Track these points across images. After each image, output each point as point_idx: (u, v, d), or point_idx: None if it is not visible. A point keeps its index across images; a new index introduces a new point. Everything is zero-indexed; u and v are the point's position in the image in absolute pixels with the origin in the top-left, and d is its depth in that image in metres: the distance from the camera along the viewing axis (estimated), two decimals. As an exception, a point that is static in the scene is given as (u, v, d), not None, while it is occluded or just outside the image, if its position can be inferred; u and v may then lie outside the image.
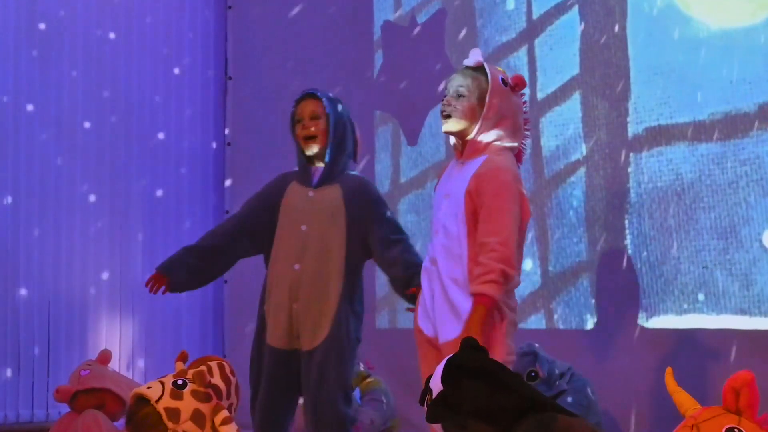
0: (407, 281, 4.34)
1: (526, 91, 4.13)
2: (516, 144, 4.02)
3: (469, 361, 2.67)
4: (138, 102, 7.25)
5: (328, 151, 4.49)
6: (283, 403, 4.49)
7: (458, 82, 4.00)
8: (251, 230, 4.60)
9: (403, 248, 4.45)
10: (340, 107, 4.56)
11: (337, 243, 4.44)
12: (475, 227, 3.87)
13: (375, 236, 4.47)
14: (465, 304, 3.83)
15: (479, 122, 3.94)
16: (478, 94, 3.97)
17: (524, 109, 4.08)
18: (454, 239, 3.92)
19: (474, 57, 4.06)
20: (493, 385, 2.60)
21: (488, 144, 3.96)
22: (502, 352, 3.81)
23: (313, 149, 4.49)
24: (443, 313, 3.91)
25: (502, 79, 4.01)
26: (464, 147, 4.02)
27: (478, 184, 3.89)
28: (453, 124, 3.99)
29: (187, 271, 4.59)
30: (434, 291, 3.96)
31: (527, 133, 4.12)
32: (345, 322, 4.41)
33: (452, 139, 4.10)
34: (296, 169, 4.62)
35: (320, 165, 4.54)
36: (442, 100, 4.03)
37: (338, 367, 4.37)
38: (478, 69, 4.03)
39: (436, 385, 2.70)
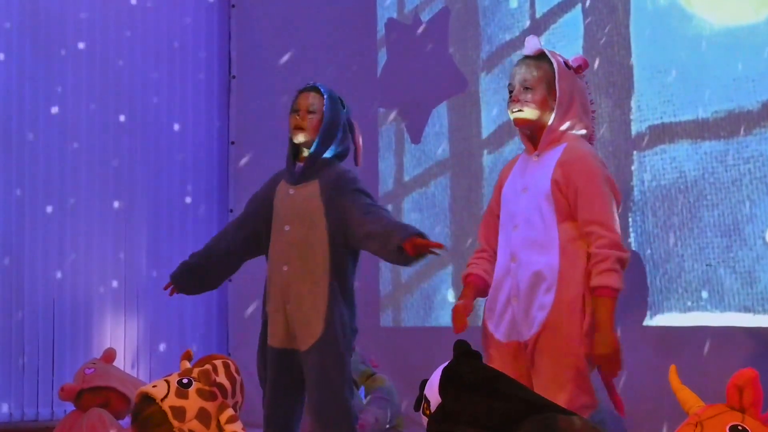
0: (389, 234, 4.21)
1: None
2: (585, 130, 3.96)
3: (466, 373, 2.67)
4: (141, 101, 7.26)
5: (313, 146, 4.46)
6: (288, 402, 4.49)
7: (523, 75, 3.92)
8: (253, 231, 4.61)
9: (383, 212, 4.39)
10: (340, 107, 4.53)
11: (319, 242, 4.39)
12: (564, 216, 3.83)
13: (352, 211, 4.37)
14: (548, 297, 3.78)
15: (554, 111, 3.88)
16: (546, 83, 3.93)
17: (588, 91, 4.05)
18: (539, 230, 3.84)
19: (532, 45, 3.96)
20: (492, 394, 2.60)
21: (564, 133, 3.90)
22: (581, 354, 3.76)
23: (299, 138, 4.46)
24: (525, 308, 3.84)
25: (565, 63, 3.97)
26: (538, 139, 3.95)
27: (565, 172, 3.82)
28: (525, 115, 3.90)
29: (190, 274, 4.65)
30: (515, 288, 3.87)
31: (593, 114, 4.08)
32: (339, 318, 4.37)
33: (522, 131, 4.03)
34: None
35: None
36: (510, 95, 3.98)
37: (337, 365, 4.35)
38: (539, 57, 3.97)
39: (434, 396, 2.70)
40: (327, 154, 4.49)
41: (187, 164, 7.45)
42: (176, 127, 7.42)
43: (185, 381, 2.99)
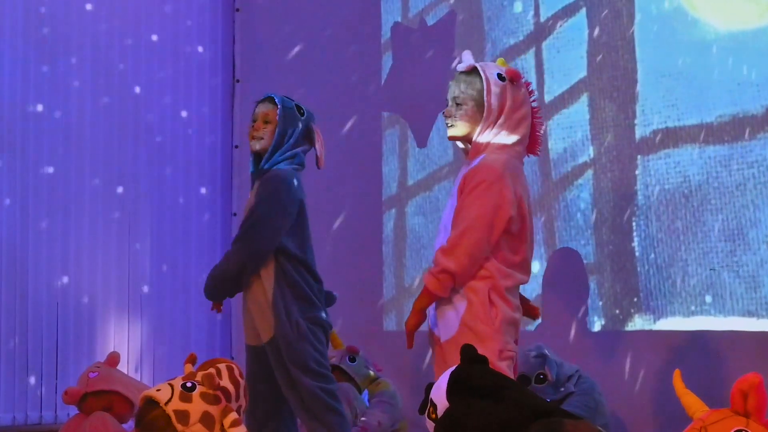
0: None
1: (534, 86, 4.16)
2: (518, 137, 4.01)
3: (474, 378, 2.67)
4: (146, 104, 7.25)
5: (267, 154, 4.69)
6: (268, 400, 4.68)
7: (453, 92, 4.05)
8: None
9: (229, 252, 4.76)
10: (296, 115, 4.75)
11: None
12: None
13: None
14: (461, 302, 3.89)
15: (480, 124, 3.97)
16: (475, 98, 3.99)
17: (531, 99, 4.08)
18: (445, 238, 3.96)
19: (465, 61, 4.08)
20: (499, 398, 2.61)
21: (488, 143, 3.98)
22: (494, 348, 3.82)
23: (255, 146, 4.72)
24: (444, 311, 3.96)
25: (499, 75, 4.01)
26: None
27: (462, 183, 3.96)
28: (455, 131, 4.05)
29: None
30: None
31: (539, 120, 4.12)
32: (286, 309, 4.59)
33: (460, 144, 4.14)
34: None
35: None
36: (443, 111, 4.07)
37: (290, 353, 4.56)
38: (472, 72, 4.04)
39: (441, 400, 2.70)
40: (276, 160, 4.70)
41: (191, 168, 7.44)
42: (180, 130, 7.41)
43: (189, 385, 2.99)
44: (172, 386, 2.99)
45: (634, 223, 5.48)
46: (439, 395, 2.70)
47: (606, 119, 5.59)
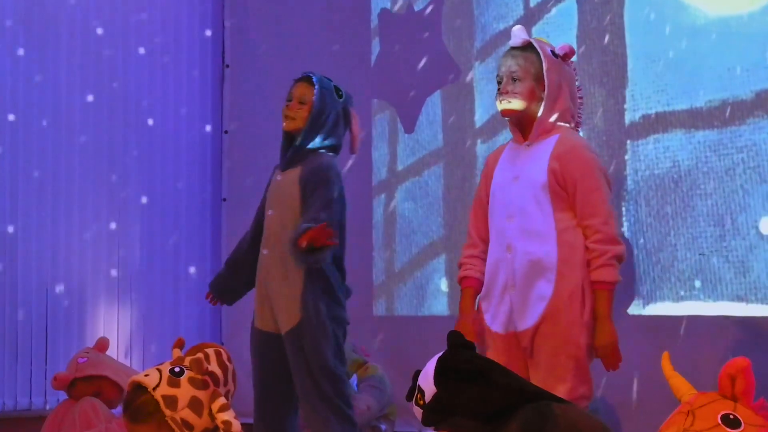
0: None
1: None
2: (573, 117, 4.00)
3: (461, 363, 2.67)
4: (135, 91, 7.24)
5: (301, 134, 4.52)
6: (276, 385, 4.55)
7: (510, 66, 3.94)
8: (262, 219, 4.70)
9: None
10: (334, 97, 4.60)
11: (293, 227, 4.41)
12: (562, 206, 3.86)
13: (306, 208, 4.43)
14: (547, 288, 3.80)
15: (543, 102, 3.90)
16: (533, 74, 3.93)
17: (576, 77, 4.06)
18: (535, 220, 3.86)
19: (519, 36, 3.99)
20: (487, 383, 2.61)
21: (554, 123, 3.93)
22: (582, 341, 3.80)
23: (287, 125, 4.55)
24: (522, 299, 3.85)
25: (552, 52, 3.97)
26: (527, 129, 3.97)
27: (562, 164, 3.85)
28: (513, 105, 3.93)
29: (227, 275, 4.83)
30: (512, 278, 3.89)
31: (581, 100, 4.10)
32: (313, 306, 4.41)
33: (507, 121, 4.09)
34: None
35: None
36: (498, 87, 3.99)
37: (313, 350, 4.40)
38: (526, 47, 3.99)
39: (429, 386, 2.70)
40: (316, 143, 4.54)
41: (180, 153, 7.44)
42: (170, 116, 7.40)
43: (177, 370, 2.99)
44: (160, 371, 2.99)
45: (623, 208, 5.47)
46: (427, 381, 2.70)
47: (595, 104, 5.58)
